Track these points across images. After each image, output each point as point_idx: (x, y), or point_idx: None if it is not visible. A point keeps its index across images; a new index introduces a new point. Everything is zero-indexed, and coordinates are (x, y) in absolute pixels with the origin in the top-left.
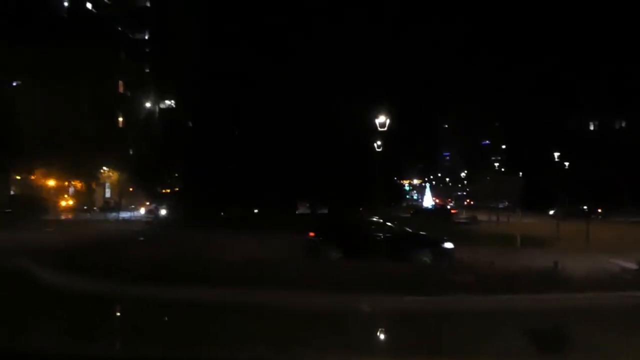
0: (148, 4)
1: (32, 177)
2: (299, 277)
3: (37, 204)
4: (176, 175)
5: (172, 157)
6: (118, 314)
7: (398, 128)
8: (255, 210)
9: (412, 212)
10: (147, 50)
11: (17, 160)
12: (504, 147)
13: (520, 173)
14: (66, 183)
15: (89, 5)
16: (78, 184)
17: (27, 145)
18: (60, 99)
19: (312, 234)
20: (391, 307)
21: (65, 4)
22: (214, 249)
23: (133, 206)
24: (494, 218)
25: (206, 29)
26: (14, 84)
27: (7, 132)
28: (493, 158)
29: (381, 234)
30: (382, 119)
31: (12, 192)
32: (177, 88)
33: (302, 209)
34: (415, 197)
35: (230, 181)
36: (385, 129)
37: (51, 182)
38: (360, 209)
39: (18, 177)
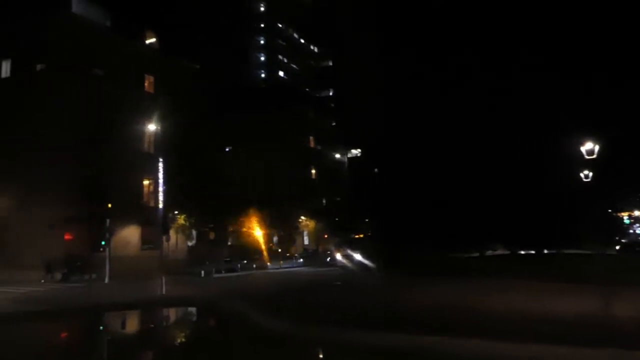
0: (330, 63)
1: (244, 229)
2: None
3: (249, 253)
4: (366, 220)
5: (361, 203)
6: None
7: (612, 155)
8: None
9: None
10: (332, 105)
11: (232, 214)
12: None
13: None
14: (271, 232)
15: (281, 73)
16: (281, 233)
17: (238, 200)
18: (262, 159)
19: None
20: None
21: (262, 75)
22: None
23: (329, 252)
24: None
25: (388, 76)
26: (227, 149)
27: (223, 191)
28: None
29: None
30: (589, 146)
31: (229, 243)
32: (362, 138)
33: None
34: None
35: (419, 225)
36: (595, 156)
37: (258, 233)
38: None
39: (232, 229)
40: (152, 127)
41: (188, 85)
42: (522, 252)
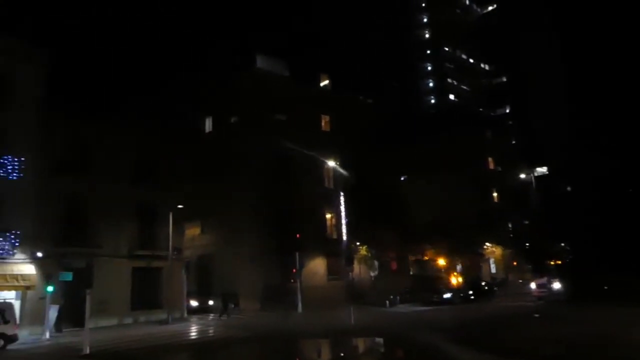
0: (504, 79)
1: (425, 258)
2: None
3: (433, 283)
4: (562, 245)
5: (554, 226)
6: None
7: None
8: None
9: None
10: (510, 123)
11: (412, 244)
12: None
13: None
14: (454, 261)
15: (451, 97)
16: (465, 262)
17: (418, 230)
18: (439, 185)
19: None
20: None
21: (432, 101)
22: None
23: (520, 281)
24: None
25: (567, 91)
26: (402, 178)
27: (403, 220)
28: None
29: None
30: None
31: (411, 273)
32: (548, 154)
33: None
34: None
35: (627, 248)
36: None
37: (441, 262)
38: None
39: (413, 259)
40: (330, 163)
41: (362, 119)
42: None
